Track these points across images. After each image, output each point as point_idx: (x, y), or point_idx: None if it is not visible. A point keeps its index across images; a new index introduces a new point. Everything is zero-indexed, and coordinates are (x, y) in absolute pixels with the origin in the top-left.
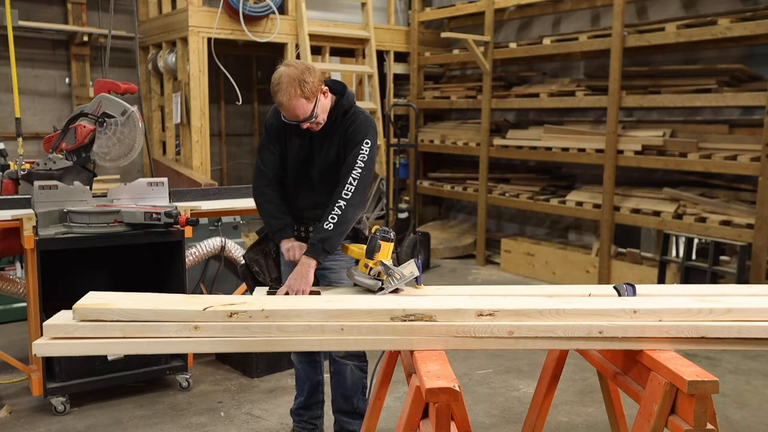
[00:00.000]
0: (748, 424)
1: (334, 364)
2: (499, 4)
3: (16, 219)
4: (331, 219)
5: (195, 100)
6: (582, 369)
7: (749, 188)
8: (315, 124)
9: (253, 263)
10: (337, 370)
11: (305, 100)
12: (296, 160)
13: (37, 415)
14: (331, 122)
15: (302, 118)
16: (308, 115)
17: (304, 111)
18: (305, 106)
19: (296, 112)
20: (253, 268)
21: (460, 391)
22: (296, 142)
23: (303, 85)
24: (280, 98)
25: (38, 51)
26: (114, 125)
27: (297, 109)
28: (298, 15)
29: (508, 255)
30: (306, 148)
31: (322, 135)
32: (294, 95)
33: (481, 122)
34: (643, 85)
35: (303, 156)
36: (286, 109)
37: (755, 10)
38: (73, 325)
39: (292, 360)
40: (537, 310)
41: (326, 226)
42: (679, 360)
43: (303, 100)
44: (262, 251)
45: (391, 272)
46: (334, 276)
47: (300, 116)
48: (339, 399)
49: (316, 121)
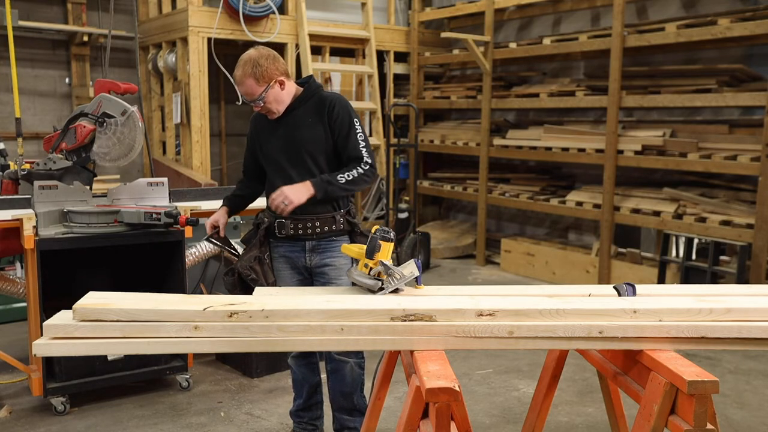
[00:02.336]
0: (748, 424)
1: (331, 362)
2: (499, 4)
3: (16, 219)
4: (345, 175)
5: (195, 100)
6: (582, 369)
7: (749, 188)
8: (266, 110)
9: (248, 271)
10: (335, 369)
11: (255, 81)
12: (276, 150)
13: (37, 415)
14: (304, 106)
15: (249, 97)
16: (255, 96)
17: (252, 91)
18: (254, 87)
19: (244, 88)
20: (249, 276)
21: (460, 391)
22: (274, 134)
23: (256, 67)
24: (235, 72)
25: (38, 51)
26: (114, 125)
27: (245, 86)
28: (298, 15)
29: (508, 255)
30: (282, 137)
31: (296, 117)
32: (246, 74)
33: (481, 122)
34: (643, 85)
35: (281, 145)
36: (238, 85)
37: (755, 10)
38: (73, 325)
39: (289, 363)
40: (537, 310)
41: (339, 177)
42: (679, 360)
43: (252, 80)
44: (255, 258)
45: (391, 272)
46: (334, 273)
47: (247, 94)
48: (338, 397)
49: (267, 107)
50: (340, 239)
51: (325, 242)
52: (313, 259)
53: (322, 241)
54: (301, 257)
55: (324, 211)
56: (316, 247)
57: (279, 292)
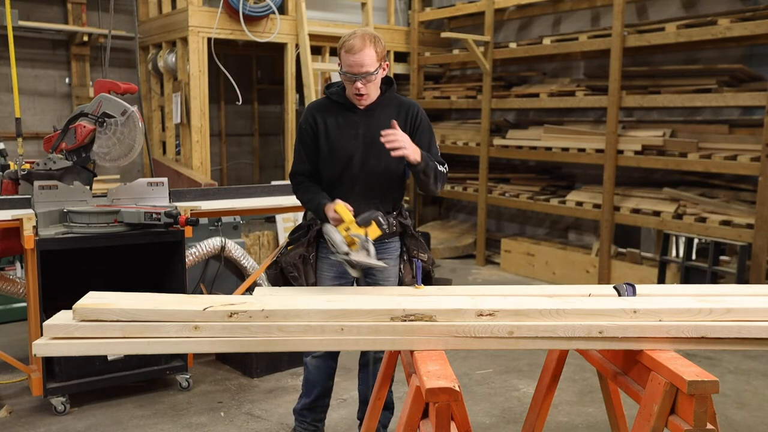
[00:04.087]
0: (748, 424)
1: (363, 356)
2: (499, 4)
3: (16, 219)
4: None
5: (195, 100)
6: (582, 369)
7: (749, 188)
8: (364, 91)
9: (291, 268)
10: (367, 363)
11: (375, 54)
12: (353, 149)
13: (37, 415)
14: (385, 108)
15: (365, 68)
16: (372, 69)
17: (371, 61)
18: (372, 58)
19: (364, 59)
20: (290, 273)
21: (460, 391)
22: (349, 132)
23: (377, 41)
24: (353, 42)
25: (38, 51)
26: (114, 125)
27: (366, 56)
28: (298, 15)
29: (508, 255)
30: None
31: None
32: (368, 44)
33: (481, 122)
34: (643, 85)
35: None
36: (355, 54)
37: (755, 10)
38: (73, 325)
39: (306, 362)
40: (537, 310)
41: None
42: (679, 360)
43: (373, 52)
44: (300, 256)
45: (366, 246)
46: (382, 274)
47: (366, 64)
48: (369, 391)
49: (368, 88)
50: (391, 241)
51: (378, 244)
52: None
53: (375, 243)
54: None
55: None
56: None
57: (279, 292)
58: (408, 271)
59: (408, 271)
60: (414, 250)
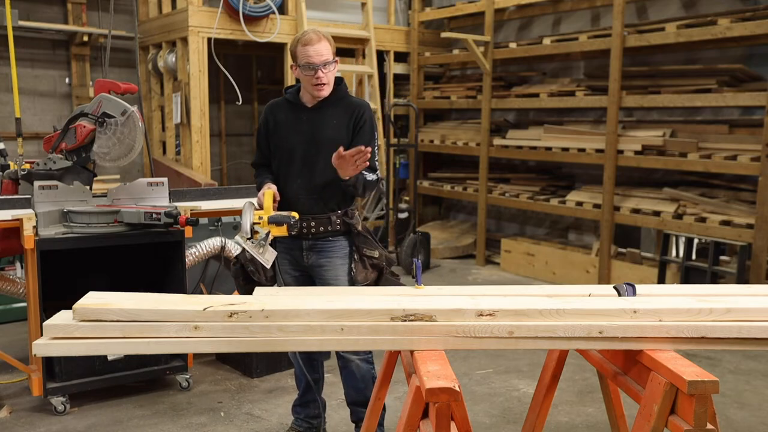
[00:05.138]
0: (748, 424)
1: (340, 359)
2: (499, 4)
3: (16, 219)
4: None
5: (195, 100)
6: (582, 369)
7: (749, 188)
8: (323, 82)
9: (248, 263)
10: (344, 365)
11: (330, 46)
12: (295, 145)
13: (37, 415)
14: (332, 107)
15: (325, 57)
16: (331, 58)
17: (328, 52)
18: (329, 49)
19: (318, 48)
20: (248, 267)
21: (460, 391)
22: (295, 129)
23: (329, 38)
24: (310, 36)
25: (38, 51)
26: (114, 125)
27: (321, 46)
28: (298, 15)
29: (508, 255)
30: (305, 133)
31: (323, 116)
32: (322, 37)
33: (481, 122)
34: (643, 85)
35: (302, 140)
36: (314, 45)
37: (755, 10)
38: (73, 325)
39: (289, 356)
40: (537, 310)
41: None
42: (679, 360)
43: (327, 44)
44: None
45: (262, 244)
46: (330, 273)
47: (324, 53)
48: (351, 392)
49: (326, 78)
50: (336, 239)
51: (322, 242)
52: (311, 258)
53: (319, 241)
54: (300, 255)
55: (320, 212)
56: (312, 246)
57: (279, 292)
58: (360, 270)
59: (360, 270)
60: (363, 248)
